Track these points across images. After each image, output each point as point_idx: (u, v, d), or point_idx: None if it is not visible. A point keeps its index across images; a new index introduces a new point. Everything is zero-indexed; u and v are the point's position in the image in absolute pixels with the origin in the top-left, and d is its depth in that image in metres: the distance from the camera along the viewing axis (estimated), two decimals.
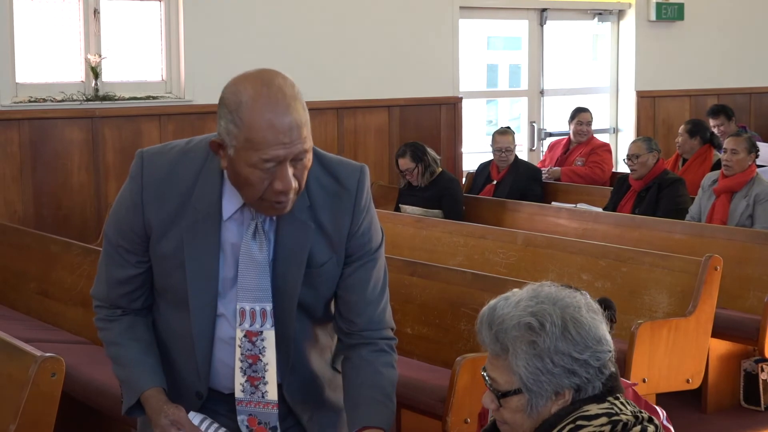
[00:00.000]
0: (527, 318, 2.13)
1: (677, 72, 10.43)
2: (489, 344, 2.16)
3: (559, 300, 2.17)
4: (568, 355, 2.11)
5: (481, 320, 2.19)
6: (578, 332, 2.12)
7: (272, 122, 2.34)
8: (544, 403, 2.13)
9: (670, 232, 6.32)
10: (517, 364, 2.11)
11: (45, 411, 3.52)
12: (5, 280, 6.29)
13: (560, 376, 2.12)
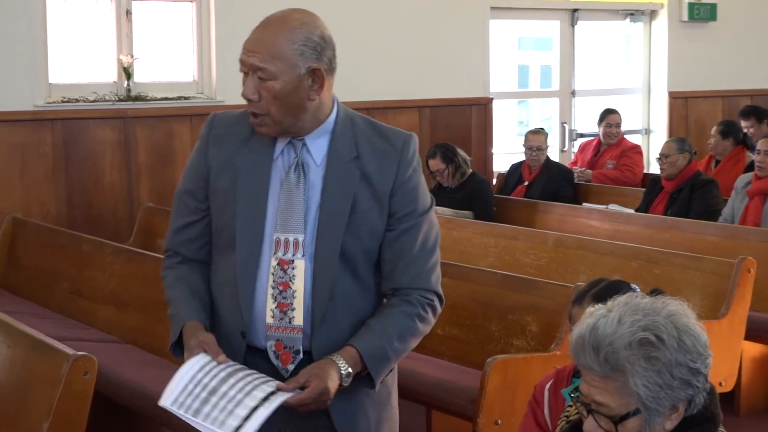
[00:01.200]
0: (641, 334, 2.04)
1: (710, 72, 10.37)
2: (596, 367, 2.06)
3: (661, 310, 2.09)
4: (685, 365, 2.05)
5: (582, 344, 2.09)
6: (691, 340, 2.06)
7: (252, 31, 2.75)
8: (660, 420, 2.07)
9: (703, 234, 6.29)
10: (635, 383, 2.03)
11: (77, 409, 3.55)
12: (38, 279, 6.34)
13: (678, 390, 2.05)
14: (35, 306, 6.07)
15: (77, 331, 5.45)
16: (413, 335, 2.69)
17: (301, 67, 2.61)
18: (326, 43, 2.72)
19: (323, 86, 2.67)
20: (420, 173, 2.72)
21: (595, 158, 8.90)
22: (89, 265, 5.93)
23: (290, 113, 2.62)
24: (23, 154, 6.98)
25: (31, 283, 6.39)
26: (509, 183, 8.33)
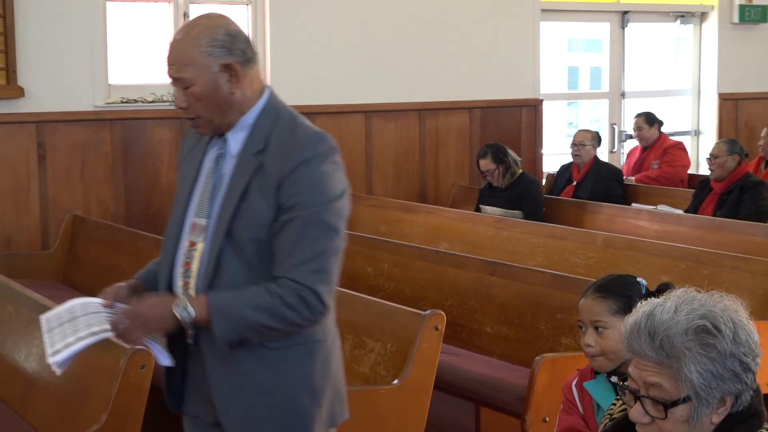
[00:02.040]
0: (699, 321, 2.06)
1: (760, 74, 10.28)
2: (651, 353, 2.06)
3: (717, 303, 2.10)
4: (738, 358, 2.05)
5: (638, 331, 2.09)
6: (745, 335, 2.07)
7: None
8: (708, 411, 2.06)
9: (752, 235, 6.23)
10: (690, 369, 2.03)
11: (134, 401, 3.59)
12: (97, 274, 6.40)
13: (729, 382, 2.05)
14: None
15: None
16: (271, 312, 2.63)
17: (213, 66, 2.69)
18: (234, 38, 2.75)
19: (240, 78, 2.73)
20: (322, 170, 2.71)
21: (640, 161, 8.86)
22: (145, 262, 5.93)
23: (218, 111, 2.73)
24: (83, 154, 7.06)
25: (90, 279, 6.46)
26: (558, 184, 8.31)
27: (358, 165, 8.08)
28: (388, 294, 5.47)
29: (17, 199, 6.86)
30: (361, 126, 8.11)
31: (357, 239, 6.22)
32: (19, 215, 6.87)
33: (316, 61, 7.86)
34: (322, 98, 7.85)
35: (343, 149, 8.77)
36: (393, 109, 8.24)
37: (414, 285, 5.53)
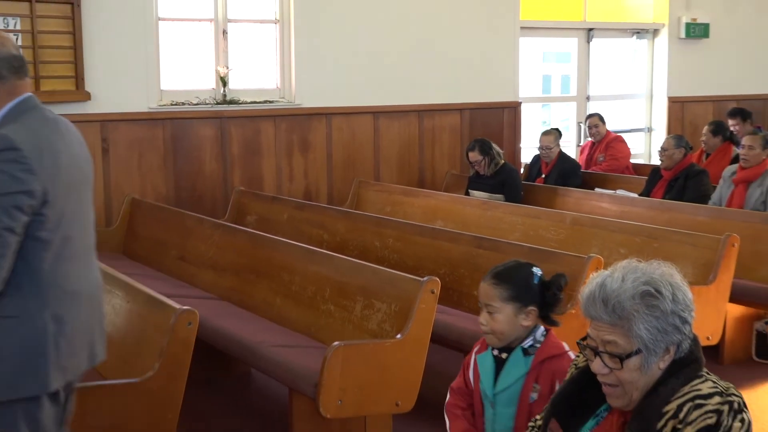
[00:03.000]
0: (643, 287, 2.09)
1: (703, 81, 10.27)
2: (605, 317, 2.10)
3: (656, 270, 2.14)
4: (677, 314, 2.10)
5: (593, 299, 2.12)
6: (682, 295, 2.11)
7: None
8: (655, 360, 2.10)
9: (695, 215, 6.23)
10: (639, 327, 2.07)
11: (182, 353, 3.60)
12: (152, 248, 6.42)
13: (671, 334, 2.09)
14: (149, 269, 6.16)
15: (183, 290, 5.51)
16: None
17: None
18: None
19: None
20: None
21: (591, 154, 8.85)
22: (192, 237, 6.00)
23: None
24: (140, 148, 7.07)
25: (146, 251, 6.48)
26: (532, 172, 8.28)
27: (367, 157, 8.09)
28: (392, 263, 5.47)
29: None
30: (369, 124, 8.10)
31: (366, 218, 6.22)
32: None
33: (333, 71, 7.85)
34: (337, 101, 7.86)
35: (355, 143, 8.83)
36: (396, 110, 8.24)
37: (414, 256, 5.53)
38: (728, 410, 2.02)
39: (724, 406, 2.03)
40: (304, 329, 4.72)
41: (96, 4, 6.77)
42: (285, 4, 7.70)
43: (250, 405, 5.02)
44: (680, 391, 2.08)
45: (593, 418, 2.23)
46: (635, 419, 2.09)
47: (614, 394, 2.13)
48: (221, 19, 7.50)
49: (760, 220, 5.94)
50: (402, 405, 4.04)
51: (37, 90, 6.41)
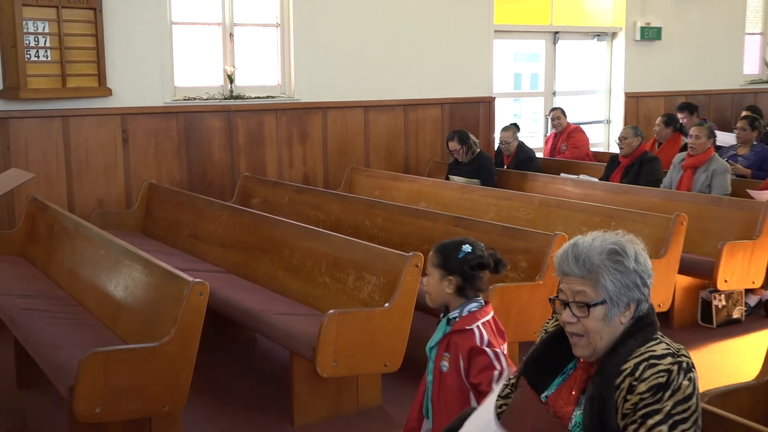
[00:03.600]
0: (611, 246, 2.13)
1: (655, 78, 10.27)
2: (576, 271, 2.12)
3: (623, 237, 2.18)
4: (638, 274, 2.13)
5: (565, 256, 2.15)
6: (643, 259, 2.15)
7: None
8: (617, 312, 2.12)
9: (649, 197, 6.25)
10: (605, 279, 2.10)
11: (194, 320, 3.59)
12: (167, 227, 6.41)
13: (632, 290, 2.12)
14: (165, 246, 6.15)
15: (195, 264, 5.51)
16: None
17: None
18: None
19: None
20: None
21: (555, 144, 8.86)
22: (203, 217, 5.99)
23: None
24: (156, 138, 7.04)
25: (162, 230, 6.47)
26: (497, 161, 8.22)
27: (358, 146, 8.08)
28: (381, 240, 5.48)
29: (107, 172, 6.85)
30: (361, 117, 8.08)
31: (358, 201, 6.22)
32: (108, 184, 6.86)
33: (329, 69, 7.82)
34: (332, 96, 7.85)
35: (347, 134, 8.82)
36: (384, 105, 8.22)
37: (400, 234, 5.54)
38: (678, 370, 2.04)
39: (675, 366, 2.04)
40: (302, 299, 4.73)
41: (116, 10, 6.72)
42: (285, 10, 7.67)
43: (254, 367, 5.03)
44: (637, 351, 2.09)
45: (561, 375, 2.24)
46: (598, 375, 2.10)
47: (580, 343, 2.14)
48: (228, 23, 7.46)
49: (705, 201, 5.97)
50: (390, 365, 4.06)
51: (63, 86, 6.38)
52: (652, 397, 2.01)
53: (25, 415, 4.19)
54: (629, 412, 2.02)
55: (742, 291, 5.75)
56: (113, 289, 4.34)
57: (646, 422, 1.99)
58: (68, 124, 6.67)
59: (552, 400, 2.19)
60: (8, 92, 6.28)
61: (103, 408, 3.39)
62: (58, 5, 6.28)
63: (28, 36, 6.17)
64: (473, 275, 2.81)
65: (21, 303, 4.48)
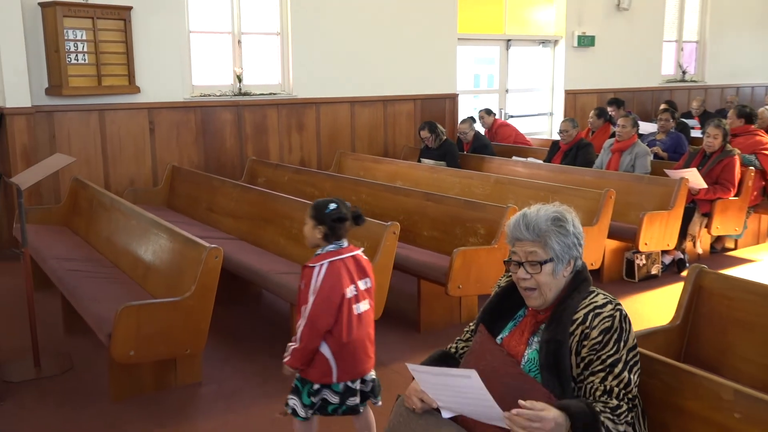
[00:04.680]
0: (554, 214, 2.14)
1: (589, 78, 10.30)
2: (528, 236, 2.12)
3: (560, 206, 2.20)
4: (575, 236, 2.15)
5: (517, 225, 2.14)
6: (578, 224, 2.18)
7: None
8: (562, 268, 2.14)
9: (584, 176, 6.27)
10: (552, 241, 2.11)
11: (211, 279, 3.58)
12: (188, 202, 6.37)
13: (572, 249, 2.14)
14: (187, 218, 6.11)
15: (211, 233, 5.48)
16: None
17: None
18: None
19: None
20: None
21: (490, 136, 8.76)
22: (217, 194, 5.95)
23: None
24: (178, 128, 6.98)
25: (183, 205, 6.43)
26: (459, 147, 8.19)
27: (345, 134, 8.05)
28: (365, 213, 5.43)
29: (137, 156, 6.79)
30: (347, 110, 8.04)
31: (345, 180, 6.20)
32: (138, 166, 6.80)
33: (322, 70, 7.77)
34: (324, 93, 7.80)
35: (336, 125, 8.76)
36: (367, 100, 8.18)
37: (381, 207, 5.53)
38: (619, 315, 2.07)
39: (616, 312, 2.07)
40: (300, 260, 4.72)
41: (143, 21, 6.63)
42: (285, 21, 7.59)
43: (261, 316, 5.03)
44: (582, 303, 2.11)
45: (512, 321, 2.25)
46: (552, 324, 2.10)
47: (533, 296, 2.16)
48: (237, 32, 7.37)
49: (629, 179, 6.00)
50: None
51: (99, 85, 6.29)
52: (602, 338, 2.04)
53: (71, 357, 4.18)
54: (589, 355, 2.04)
55: (659, 252, 5.80)
56: (143, 253, 4.31)
57: (613, 371, 2.02)
58: (104, 117, 6.59)
59: (506, 341, 2.20)
60: (53, 90, 6.19)
61: (136, 351, 3.38)
62: (93, 16, 6.18)
63: (68, 42, 6.08)
64: (335, 226, 2.82)
65: (66, 265, 4.45)
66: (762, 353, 2.78)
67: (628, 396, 2.01)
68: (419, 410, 2.09)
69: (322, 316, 2.70)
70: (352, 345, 2.76)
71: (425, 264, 4.50)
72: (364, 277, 2.86)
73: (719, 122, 6.22)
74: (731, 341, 2.86)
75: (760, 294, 2.83)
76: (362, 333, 2.81)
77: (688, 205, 5.88)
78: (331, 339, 2.74)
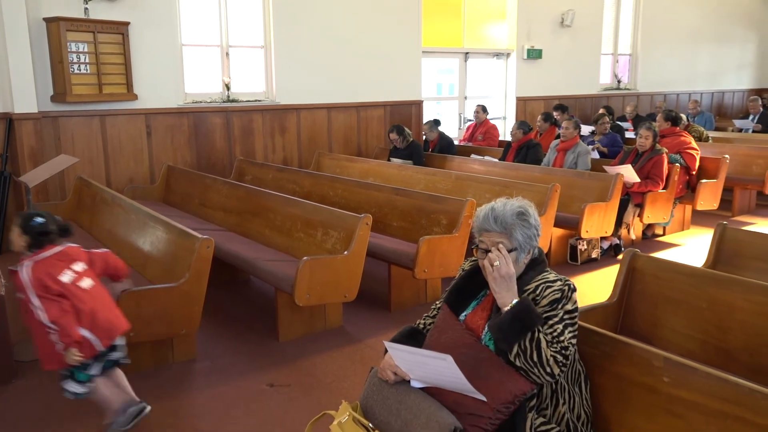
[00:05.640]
0: (519, 209, 2.15)
1: (537, 87, 10.35)
2: (496, 228, 2.12)
3: (523, 202, 2.20)
4: (536, 228, 2.16)
5: (486, 217, 2.14)
6: (537, 218, 2.18)
7: None
8: (523, 256, 2.15)
9: (533, 172, 6.32)
10: (517, 233, 2.12)
11: (203, 267, 3.55)
12: (182, 198, 6.28)
13: (533, 239, 2.16)
14: (181, 212, 6.03)
15: (203, 225, 5.42)
16: None
17: None
18: None
19: None
20: None
21: (473, 133, 8.86)
22: (209, 190, 5.88)
23: None
24: (172, 131, 6.87)
25: (178, 200, 6.34)
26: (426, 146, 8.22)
27: (323, 137, 8.00)
28: (341, 206, 5.45)
29: (136, 157, 6.67)
30: (325, 115, 7.99)
31: (323, 177, 6.17)
32: (137, 165, 6.68)
33: (302, 79, 7.70)
34: (304, 100, 7.73)
35: (315, 128, 8.69)
36: (342, 106, 8.14)
37: (355, 201, 5.52)
38: (567, 289, 2.09)
39: (565, 286, 2.10)
40: (284, 249, 4.69)
41: (139, 35, 6.50)
42: (268, 35, 7.51)
43: (249, 299, 4.99)
44: (535, 278, 2.14)
45: (475, 300, 2.26)
46: None
47: None
48: (225, 45, 7.27)
49: (572, 175, 6.06)
50: (348, 296, 4.06)
51: (100, 93, 6.16)
52: (551, 306, 2.07)
53: None
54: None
55: (598, 238, 5.87)
56: (142, 244, 4.24)
57: (548, 322, 2.06)
58: (105, 121, 6.46)
59: (469, 317, 2.21)
60: (57, 97, 6.05)
61: (137, 332, 3.34)
62: (94, 31, 6.05)
63: (71, 54, 5.94)
64: (38, 238, 2.81)
65: None
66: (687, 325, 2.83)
67: (560, 345, 2.02)
68: (392, 382, 2.10)
69: (51, 308, 2.69)
70: (95, 312, 2.78)
71: (395, 251, 4.51)
72: (75, 261, 2.83)
73: (650, 125, 6.32)
74: (661, 315, 2.92)
75: (685, 274, 2.88)
76: (98, 302, 2.82)
77: (623, 197, 5.96)
78: (79, 317, 2.74)
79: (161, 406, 3.28)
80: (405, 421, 2.00)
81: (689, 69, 12.93)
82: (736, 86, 14.08)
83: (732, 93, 13.99)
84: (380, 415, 2.07)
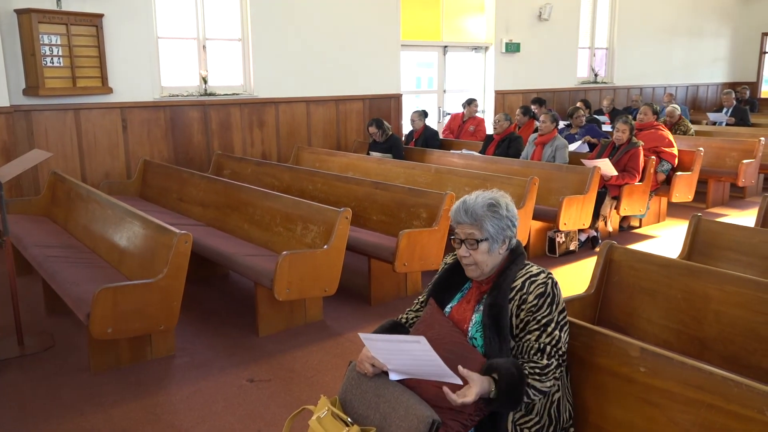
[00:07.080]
0: (489, 200, 2.15)
1: (516, 80, 10.39)
2: (467, 220, 2.14)
3: (496, 193, 2.20)
4: (509, 219, 2.16)
5: (458, 210, 2.16)
6: (512, 209, 2.19)
7: None
8: (497, 246, 2.15)
9: (512, 165, 6.35)
10: (487, 224, 2.13)
11: (182, 261, 3.51)
12: (159, 192, 6.21)
13: (506, 230, 2.16)
14: (158, 207, 5.96)
15: (181, 220, 5.37)
16: None
17: None
18: None
19: None
20: None
21: (462, 125, 8.85)
22: (186, 185, 5.82)
23: None
24: (149, 125, 6.78)
25: (155, 195, 6.27)
26: (408, 139, 8.24)
27: (302, 130, 7.96)
28: (321, 200, 5.43)
29: (111, 151, 6.58)
30: (304, 109, 7.95)
31: (303, 171, 6.14)
32: (113, 160, 6.59)
33: (280, 73, 7.65)
34: (283, 93, 7.69)
35: (294, 122, 8.64)
36: (321, 100, 8.10)
37: (334, 194, 5.50)
38: (551, 282, 2.10)
39: (548, 279, 2.11)
40: (263, 244, 4.67)
41: (114, 27, 6.40)
42: (245, 28, 7.44)
43: (228, 294, 4.96)
44: (519, 273, 2.14)
45: (460, 292, 2.27)
46: (494, 292, 2.13)
47: (471, 268, 2.20)
48: (202, 38, 7.19)
49: (551, 168, 6.10)
50: (328, 291, 4.05)
51: (74, 86, 6.06)
52: (537, 299, 2.07)
53: (53, 335, 4.04)
54: (527, 316, 2.08)
55: (576, 230, 5.93)
56: (118, 239, 4.19)
57: (546, 329, 2.05)
58: (79, 115, 6.36)
59: (454, 309, 2.23)
60: (30, 90, 5.94)
61: (114, 328, 3.30)
62: (67, 23, 5.94)
63: (44, 47, 5.83)
64: None
65: (47, 251, 4.29)
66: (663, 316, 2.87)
67: (558, 352, 2.06)
68: (371, 374, 2.10)
69: None
70: None
71: (374, 245, 4.51)
72: None
73: (627, 119, 6.39)
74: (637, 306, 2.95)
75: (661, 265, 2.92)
76: None
77: (600, 189, 6.02)
78: None
79: (140, 402, 3.25)
80: (384, 415, 2.00)
81: (665, 63, 13.09)
82: (710, 80, 14.29)
83: (706, 86, 14.20)
84: (359, 409, 2.07)
